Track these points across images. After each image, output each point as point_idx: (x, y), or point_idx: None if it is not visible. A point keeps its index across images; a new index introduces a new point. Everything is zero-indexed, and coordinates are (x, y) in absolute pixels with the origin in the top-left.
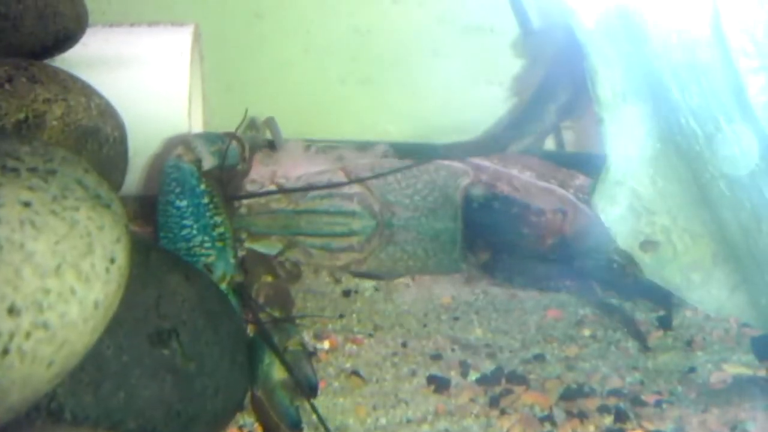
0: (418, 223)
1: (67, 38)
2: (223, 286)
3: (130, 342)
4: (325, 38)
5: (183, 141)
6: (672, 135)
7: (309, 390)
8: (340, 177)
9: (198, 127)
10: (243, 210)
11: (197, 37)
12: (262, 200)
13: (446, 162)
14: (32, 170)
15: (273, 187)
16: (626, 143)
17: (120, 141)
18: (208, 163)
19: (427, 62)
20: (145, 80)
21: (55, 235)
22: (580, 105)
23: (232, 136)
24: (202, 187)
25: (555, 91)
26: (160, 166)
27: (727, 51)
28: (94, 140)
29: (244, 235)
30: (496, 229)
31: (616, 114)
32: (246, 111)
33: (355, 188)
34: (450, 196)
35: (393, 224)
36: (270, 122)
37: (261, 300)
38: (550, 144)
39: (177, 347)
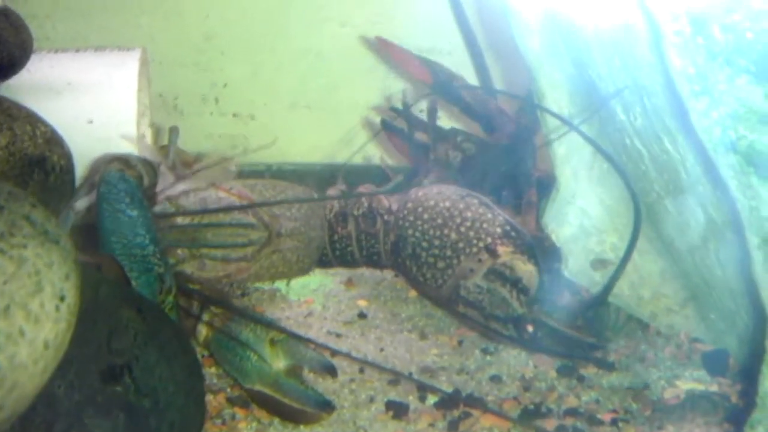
0: (299, 231)
1: (11, 65)
2: (170, 299)
3: (82, 380)
4: (274, 60)
5: (119, 158)
6: (618, 155)
7: (328, 370)
8: (220, 193)
9: (146, 152)
10: None
11: (145, 62)
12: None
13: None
14: None
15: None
16: (574, 164)
17: (67, 170)
18: (146, 181)
19: (378, 85)
20: (92, 106)
21: (3, 275)
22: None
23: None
24: (145, 202)
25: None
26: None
27: (669, 74)
28: (41, 169)
29: None
30: None
31: (564, 135)
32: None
33: (247, 202)
34: (316, 207)
35: (282, 233)
36: (172, 130)
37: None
38: None
39: (130, 383)
